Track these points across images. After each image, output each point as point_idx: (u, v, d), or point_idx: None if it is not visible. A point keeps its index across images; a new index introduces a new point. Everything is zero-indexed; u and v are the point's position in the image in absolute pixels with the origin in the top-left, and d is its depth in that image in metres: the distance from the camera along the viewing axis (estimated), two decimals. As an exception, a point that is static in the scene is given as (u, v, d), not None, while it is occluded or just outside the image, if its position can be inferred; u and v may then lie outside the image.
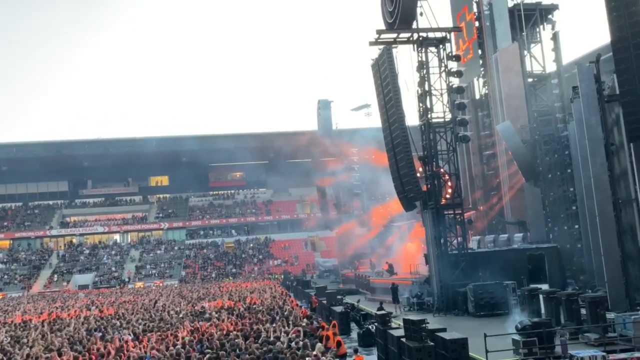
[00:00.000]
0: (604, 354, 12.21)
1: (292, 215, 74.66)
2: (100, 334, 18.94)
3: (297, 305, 25.35)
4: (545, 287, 21.52)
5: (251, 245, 69.45)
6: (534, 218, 32.39)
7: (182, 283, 56.12)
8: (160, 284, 56.07)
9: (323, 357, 12.16)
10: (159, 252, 67.57)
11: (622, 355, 12.80)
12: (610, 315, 16.05)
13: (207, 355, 12.64)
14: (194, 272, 62.06)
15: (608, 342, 14.30)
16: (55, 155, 67.31)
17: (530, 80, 35.46)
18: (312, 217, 72.50)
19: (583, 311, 16.51)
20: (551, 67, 35.29)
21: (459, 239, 26.22)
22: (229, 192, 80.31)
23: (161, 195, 79.77)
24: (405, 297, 27.41)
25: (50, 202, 75.85)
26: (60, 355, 14.49)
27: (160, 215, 74.50)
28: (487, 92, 38.61)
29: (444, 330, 14.92)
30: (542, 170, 30.81)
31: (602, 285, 20.39)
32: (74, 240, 70.64)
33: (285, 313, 20.79)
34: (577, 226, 27.32)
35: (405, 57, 27.56)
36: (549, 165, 30.22)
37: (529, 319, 15.78)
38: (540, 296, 19.19)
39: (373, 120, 71.61)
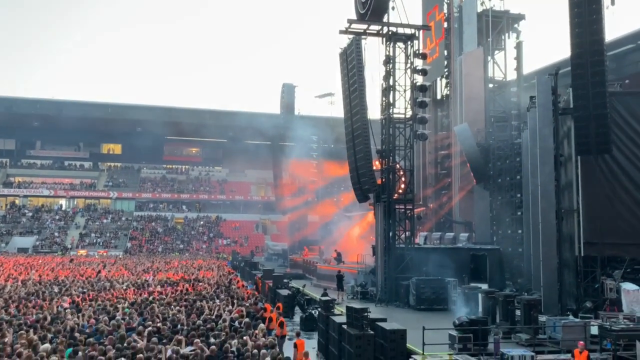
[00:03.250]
0: (533, 354, 12.73)
1: (246, 196, 74.22)
2: (38, 299, 18.44)
3: (242, 285, 25.33)
4: (484, 286, 22.18)
5: (201, 222, 68.72)
6: (481, 220, 33.29)
7: (127, 254, 55.09)
8: (104, 254, 54.89)
9: (264, 338, 12.23)
10: (105, 221, 65.99)
11: (550, 357, 13.39)
12: (542, 318, 16.66)
13: (148, 329, 12.49)
14: (140, 245, 61.00)
15: (538, 343, 14.85)
16: (4, 111, 64.27)
17: (490, 85, 36.26)
18: (265, 200, 72.26)
19: (518, 312, 17.06)
20: (512, 75, 36.21)
21: (407, 233, 26.61)
22: (184, 167, 79.03)
23: (112, 164, 77.71)
24: (350, 286, 27.64)
25: (-6, 160, 72.95)
26: (-7, 317, 13.97)
27: (110, 183, 72.65)
28: (448, 93, 39.26)
29: (384, 320, 15.21)
30: (493, 174, 31.64)
31: (537, 289, 20.87)
32: (17, 202, 68.09)
33: (230, 292, 20.78)
34: (520, 231, 28.21)
35: (374, 50, 27.68)
36: (500, 170, 31.05)
37: (467, 316, 16.17)
38: (479, 295, 19.72)
39: (336, 108, 71.91)
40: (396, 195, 26.43)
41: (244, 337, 11.80)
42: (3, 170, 71.55)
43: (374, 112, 27.54)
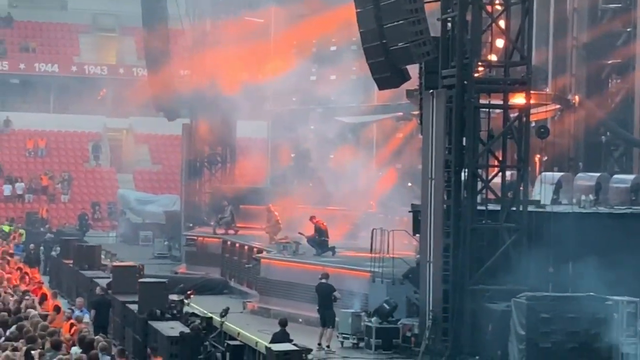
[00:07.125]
0: None
1: (66, 64, 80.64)
2: None
3: (59, 310, 27.01)
4: None
5: None
6: None
7: None
8: None
9: None
10: None
11: None
12: None
13: None
14: None
15: None
16: None
17: None
18: (120, 77, 78.00)
19: None
20: None
21: (507, 173, 27.24)
22: None
23: None
24: (350, 313, 29.09)
25: None
26: None
27: None
28: None
29: None
30: None
31: None
32: None
33: (25, 332, 21.02)
34: None
35: None
36: None
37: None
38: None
39: None
40: (481, 68, 27.51)
41: None
42: None
43: None
